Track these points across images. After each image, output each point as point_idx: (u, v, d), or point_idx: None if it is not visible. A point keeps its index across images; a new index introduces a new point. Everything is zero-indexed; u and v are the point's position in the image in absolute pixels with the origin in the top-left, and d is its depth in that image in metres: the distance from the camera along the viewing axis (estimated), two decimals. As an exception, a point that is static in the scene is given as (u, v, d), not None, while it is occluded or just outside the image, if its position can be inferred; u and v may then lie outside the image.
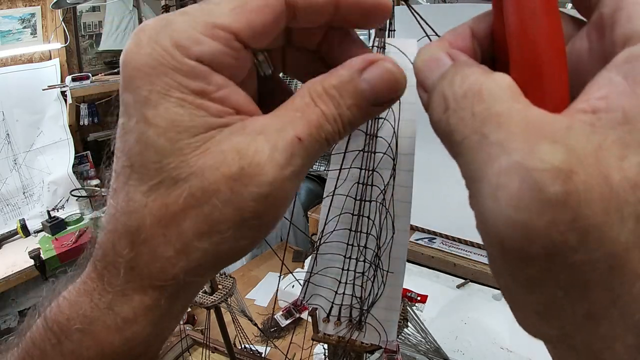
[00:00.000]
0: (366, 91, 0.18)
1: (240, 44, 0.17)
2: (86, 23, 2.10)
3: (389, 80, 0.18)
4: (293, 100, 0.17)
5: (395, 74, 0.18)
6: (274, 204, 0.17)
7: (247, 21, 0.16)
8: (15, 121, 1.79)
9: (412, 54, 0.36)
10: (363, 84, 0.18)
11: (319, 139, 0.17)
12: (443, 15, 1.12)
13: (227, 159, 0.16)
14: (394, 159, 0.38)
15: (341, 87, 0.17)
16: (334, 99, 0.17)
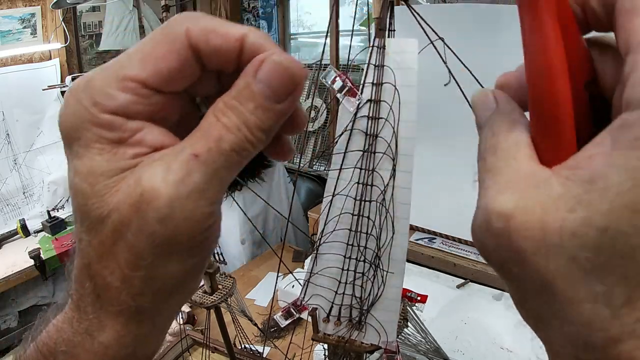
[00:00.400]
0: (263, 90, 0.18)
1: (150, 90, 0.18)
2: (86, 23, 2.10)
3: (281, 72, 0.18)
4: (199, 125, 0.19)
5: (285, 64, 0.18)
6: (182, 225, 0.17)
7: (153, 68, 0.18)
8: (15, 121, 1.79)
9: (412, 53, 0.36)
10: (258, 85, 0.18)
11: (221, 151, 0.18)
12: (443, 15, 1.12)
13: (130, 189, 0.17)
14: (394, 159, 0.38)
15: (239, 95, 0.18)
16: (235, 109, 0.18)
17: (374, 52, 0.37)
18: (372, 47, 0.37)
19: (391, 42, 0.37)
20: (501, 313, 0.94)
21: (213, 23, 0.18)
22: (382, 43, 0.37)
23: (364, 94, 0.38)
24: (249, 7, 2.49)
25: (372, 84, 0.37)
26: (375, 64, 0.37)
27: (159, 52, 0.18)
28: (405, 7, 0.36)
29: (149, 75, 0.18)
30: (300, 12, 2.45)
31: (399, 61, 0.36)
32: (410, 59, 0.36)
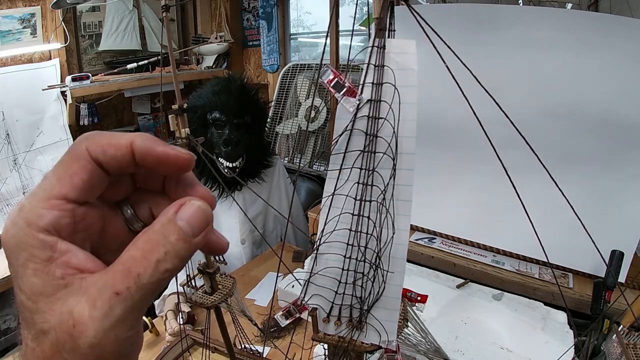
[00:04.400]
0: (184, 227, 0.22)
1: (72, 204, 0.22)
2: (86, 23, 2.10)
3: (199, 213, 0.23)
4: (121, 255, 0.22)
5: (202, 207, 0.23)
6: (107, 349, 0.20)
7: (70, 184, 0.21)
8: (15, 121, 1.79)
9: (412, 54, 0.36)
10: (179, 222, 0.22)
11: (139, 286, 0.21)
12: (443, 15, 1.12)
13: (64, 319, 0.20)
14: (394, 159, 0.38)
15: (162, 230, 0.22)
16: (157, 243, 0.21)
17: (374, 52, 0.37)
18: (372, 47, 0.37)
19: (391, 42, 0.37)
20: (501, 313, 0.94)
21: (106, 137, 0.22)
22: (382, 43, 0.37)
23: (363, 94, 0.38)
24: (248, 7, 2.49)
25: (372, 84, 0.37)
26: (375, 64, 0.37)
27: (70, 170, 0.22)
28: (405, 7, 0.36)
29: (68, 191, 0.21)
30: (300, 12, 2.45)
31: (399, 61, 0.36)
32: (410, 59, 0.36)
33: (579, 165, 1.03)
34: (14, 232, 0.21)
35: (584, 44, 0.96)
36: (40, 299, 0.20)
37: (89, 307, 0.20)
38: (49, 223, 0.21)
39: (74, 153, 0.22)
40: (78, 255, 0.22)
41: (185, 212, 0.22)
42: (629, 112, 0.95)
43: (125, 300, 0.21)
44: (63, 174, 0.22)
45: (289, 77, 2.23)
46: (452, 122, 1.12)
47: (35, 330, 0.21)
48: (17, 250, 0.21)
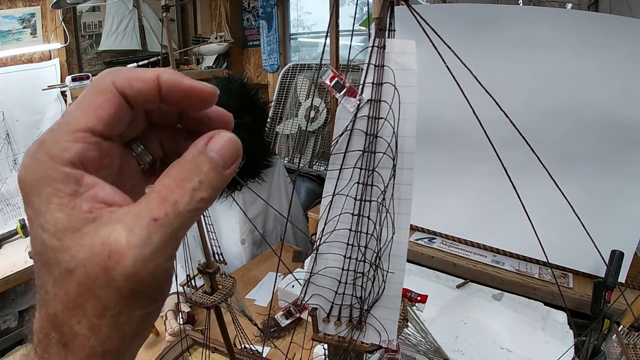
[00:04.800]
0: (216, 159, 0.22)
1: (98, 137, 0.21)
2: (86, 23, 2.10)
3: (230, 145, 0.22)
4: (155, 185, 0.21)
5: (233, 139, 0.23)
6: (146, 280, 0.20)
7: (95, 116, 0.20)
8: (15, 121, 1.79)
9: (412, 54, 0.36)
10: (210, 154, 0.22)
11: (177, 213, 0.20)
12: (443, 15, 1.12)
13: (96, 250, 0.19)
14: (394, 159, 0.38)
15: (194, 160, 0.21)
16: (190, 172, 0.21)
17: (373, 52, 0.37)
18: (372, 47, 0.37)
19: (391, 42, 0.37)
20: (501, 313, 0.94)
21: (132, 71, 0.22)
22: (382, 43, 0.37)
23: (363, 94, 0.38)
24: (248, 7, 2.49)
25: (372, 84, 0.37)
26: (375, 64, 0.37)
27: (96, 103, 0.21)
28: (405, 7, 0.36)
29: (94, 123, 0.20)
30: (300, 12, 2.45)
31: (399, 62, 0.36)
32: (410, 59, 0.36)
33: (579, 165, 1.03)
34: (35, 167, 0.19)
35: (584, 44, 0.96)
36: (66, 235, 0.19)
37: (126, 233, 0.19)
38: (75, 156, 0.20)
39: (99, 86, 0.21)
40: (105, 188, 0.21)
41: (215, 144, 0.22)
42: (629, 112, 0.95)
43: (164, 227, 0.20)
44: (88, 107, 0.21)
45: (289, 77, 2.23)
46: (452, 122, 1.12)
47: (58, 272, 0.19)
48: (39, 186, 0.19)
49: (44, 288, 0.20)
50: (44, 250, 0.20)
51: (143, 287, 0.20)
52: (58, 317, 0.20)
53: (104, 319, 0.20)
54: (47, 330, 0.20)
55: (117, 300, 0.19)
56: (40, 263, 0.20)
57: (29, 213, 0.20)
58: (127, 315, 0.20)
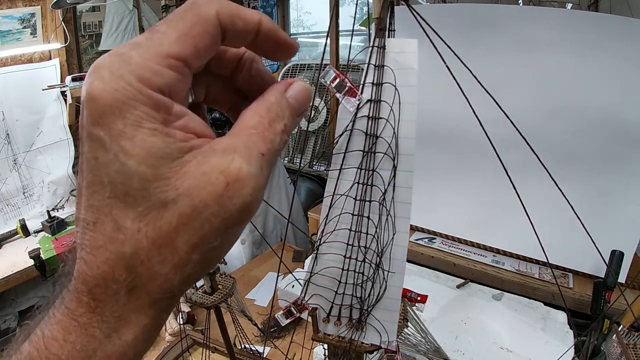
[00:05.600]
0: (293, 103, 0.23)
1: (188, 69, 0.19)
2: (86, 23, 2.10)
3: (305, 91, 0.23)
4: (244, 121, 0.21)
5: (307, 87, 0.24)
6: (253, 209, 0.19)
7: (193, 47, 0.19)
8: (15, 121, 1.79)
9: (412, 53, 0.36)
10: (290, 99, 0.23)
11: (273, 150, 0.21)
12: (443, 15, 1.12)
13: (212, 178, 0.18)
14: (394, 159, 0.38)
15: (278, 103, 0.22)
16: (278, 114, 0.21)
17: (374, 52, 0.37)
18: (372, 47, 0.37)
19: (391, 42, 0.37)
20: (501, 313, 0.94)
21: (236, 7, 0.20)
22: (382, 43, 0.37)
23: (364, 94, 0.38)
24: (248, 7, 2.49)
25: (372, 84, 0.37)
26: (375, 64, 0.37)
27: (194, 31, 0.19)
28: (405, 7, 0.36)
29: (189, 54, 0.19)
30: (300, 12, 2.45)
31: (399, 61, 0.36)
32: (410, 59, 0.36)
33: (579, 165, 1.03)
34: (120, 86, 0.17)
35: (584, 44, 0.96)
36: (162, 162, 0.17)
37: (246, 162, 0.19)
38: (166, 84, 0.18)
39: (201, 13, 0.19)
40: (195, 119, 0.19)
41: (294, 89, 0.23)
42: (629, 112, 0.95)
43: (268, 162, 0.20)
44: (185, 33, 0.19)
45: (288, 77, 2.23)
46: (452, 122, 1.12)
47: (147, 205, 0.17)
48: (125, 107, 0.17)
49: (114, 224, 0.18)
50: (124, 179, 0.17)
51: (247, 217, 0.19)
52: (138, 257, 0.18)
53: (196, 253, 0.18)
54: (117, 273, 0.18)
55: (219, 232, 0.18)
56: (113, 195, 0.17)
57: (100, 136, 0.17)
58: (217, 250, 0.19)
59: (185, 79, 0.19)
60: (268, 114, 0.21)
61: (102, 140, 0.17)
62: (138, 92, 0.17)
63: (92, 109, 0.17)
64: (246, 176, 0.18)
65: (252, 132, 0.20)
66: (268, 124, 0.21)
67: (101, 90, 0.17)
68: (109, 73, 0.17)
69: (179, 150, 0.18)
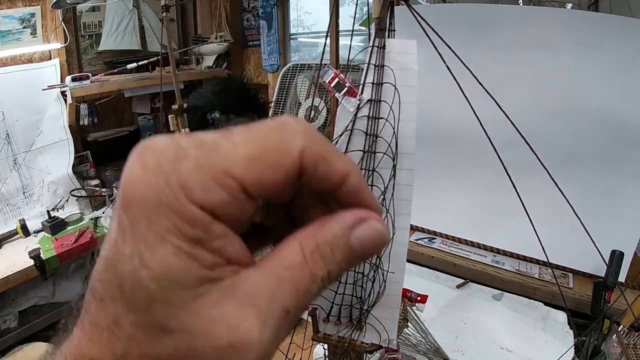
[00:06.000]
0: (355, 247, 0.18)
1: (245, 196, 0.17)
2: (86, 23, 2.10)
3: (377, 239, 0.18)
4: (284, 255, 0.18)
5: (384, 234, 0.18)
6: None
7: (259, 175, 0.16)
8: (15, 121, 1.79)
9: (412, 54, 0.36)
10: (353, 240, 0.18)
11: (301, 306, 0.17)
12: (443, 15, 1.12)
13: (217, 329, 0.16)
14: (394, 159, 0.38)
15: (334, 242, 0.18)
16: (326, 256, 0.18)
17: (374, 52, 0.37)
18: (372, 47, 0.37)
19: (392, 42, 0.37)
20: (501, 313, 0.94)
21: (326, 149, 0.18)
22: (382, 43, 0.36)
23: (364, 94, 0.38)
24: (248, 7, 2.49)
25: (372, 84, 0.37)
26: (375, 64, 0.37)
27: (269, 160, 0.17)
28: (405, 7, 0.36)
29: (251, 181, 0.16)
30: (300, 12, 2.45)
31: (399, 61, 0.36)
32: (410, 59, 0.36)
33: (579, 165, 1.03)
34: (159, 185, 0.15)
35: (584, 44, 0.96)
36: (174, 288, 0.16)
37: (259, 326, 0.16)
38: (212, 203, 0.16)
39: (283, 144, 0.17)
40: (234, 243, 0.17)
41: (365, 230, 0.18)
42: (629, 112, 0.95)
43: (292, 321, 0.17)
44: (257, 157, 0.17)
45: (289, 77, 2.23)
46: (452, 122, 1.12)
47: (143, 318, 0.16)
48: (155, 211, 0.15)
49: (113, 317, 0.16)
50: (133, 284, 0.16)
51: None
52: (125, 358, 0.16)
53: None
54: None
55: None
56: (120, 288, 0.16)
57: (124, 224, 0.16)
58: None
59: (238, 203, 0.17)
60: (313, 255, 0.17)
61: (124, 227, 0.16)
62: (176, 199, 0.15)
63: (125, 193, 0.16)
64: (255, 342, 0.16)
65: (284, 276, 0.17)
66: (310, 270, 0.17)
67: (138, 179, 0.16)
68: (154, 163, 0.16)
69: (198, 279, 0.16)
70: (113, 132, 2.23)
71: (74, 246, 1.62)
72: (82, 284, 1.76)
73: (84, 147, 2.06)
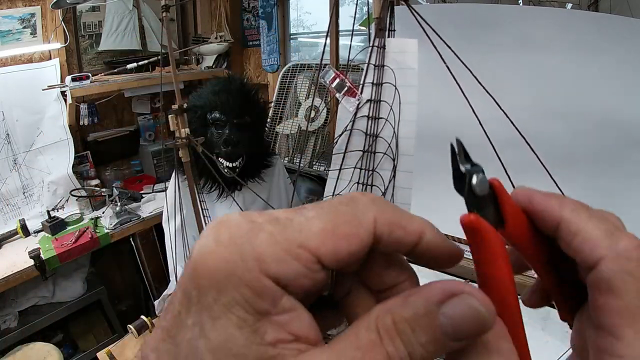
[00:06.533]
0: (446, 327, 0.16)
1: (320, 267, 0.16)
2: (86, 23, 2.10)
3: (473, 318, 0.16)
4: (357, 333, 0.16)
5: (481, 311, 0.16)
6: None
7: (333, 247, 0.16)
8: (15, 121, 1.79)
9: (412, 53, 0.36)
10: (442, 318, 0.16)
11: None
12: (443, 15, 1.12)
13: None
14: (394, 159, 0.38)
15: (415, 320, 0.16)
16: (405, 335, 0.16)
17: (374, 52, 0.37)
18: (372, 47, 0.37)
19: (391, 42, 0.37)
20: (501, 313, 0.94)
21: (397, 215, 0.18)
22: (382, 43, 0.36)
23: (363, 94, 0.38)
24: (248, 7, 2.49)
25: (372, 84, 0.37)
26: (375, 64, 0.37)
27: (343, 232, 0.17)
28: (405, 7, 0.36)
29: (326, 252, 0.16)
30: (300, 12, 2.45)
31: (399, 61, 0.36)
32: (410, 59, 0.36)
33: (579, 165, 1.03)
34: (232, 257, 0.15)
35: (584, 44, 0.96)
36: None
37: None
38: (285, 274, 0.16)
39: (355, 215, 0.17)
40: (302, 318, 0.16)
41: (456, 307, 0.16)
42: (629, 112, 0.95)
43: None
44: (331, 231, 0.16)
45: (289, 77, 2.23)
46: (452, 122, 1.12)
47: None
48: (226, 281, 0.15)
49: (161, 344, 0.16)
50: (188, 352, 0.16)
51: None
52: None
53: None
54: None
55: None
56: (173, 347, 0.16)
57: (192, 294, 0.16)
58: None
59: (312, 275, 0.16)
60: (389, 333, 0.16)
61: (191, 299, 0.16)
62: (248, 271, 0.15)
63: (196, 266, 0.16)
64: None
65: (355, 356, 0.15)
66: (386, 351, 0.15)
67: (211, 252, 0.16)
68: (228, 238, 0.16)
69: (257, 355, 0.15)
70: (113, 132, 2.23)
71: (74, 246, 1.62)
72: (82, 283, 1.77)
73: (84, 147, 2.07)
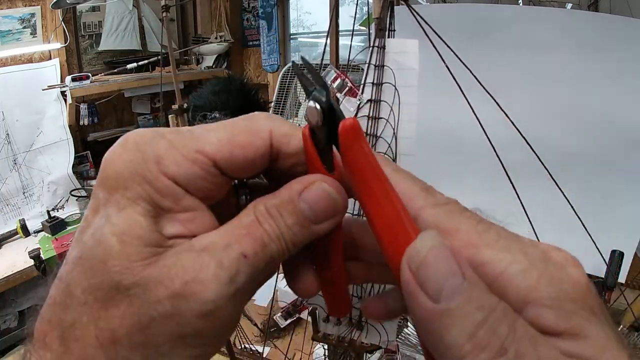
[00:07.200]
0: (305, 210, 0.18)
1: (217, 172, 0.18)
2: (86, 23, 2.10)
3: (326, 200, 0.19)
4: (239, 218, 0.18)
5: (332, 194, 0.19)
6: (215, 323, 0.17)
7: (229, 153, 0.18)
8: (15, 121, 1.79)
9: (413, 53, 0.36)
10: (302, 203, 0.18)
11: (264, 257, 0.17)
12: (443, 15, 1.12)
13: (171, 273, 0.16)
14: (394, 160, 0.38)
15: (281, 206, 0.18)
16: (276, 218, 0.18)
17: (374, 52, 0.37)
18: (372, 47, 0.37)
19: (392, 42, 0.37)
20: (501, 313, 0.94)
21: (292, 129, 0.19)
22: (382, 43, 0.36)
23: (364, 94, 0.38)
24: (248, 7, 2.49)
25: (372, 84, 0.37)
26: (376, 64, 0.37)
27: (239, 140, 0.18)
28: (405, 7, 0.36)
29: (223, 158, 0.18)
30: (300, 12, 2.45)
31: (399, 61, 0.36)
32: (411, 59, 0.36)
33: (579, 165, 1.03)
34: (136, 159, 0.17)
35: (584, 44, 0.96)
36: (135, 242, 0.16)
37: (215, 264, 0.16)
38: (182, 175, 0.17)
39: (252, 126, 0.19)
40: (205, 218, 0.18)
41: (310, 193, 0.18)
42: (629, 112, 0.95)
43: (252, 267, 0.17)
44: (227, 138, 0.18)
45: (289, 77, 2.23)
46: (452, 122, 1.12)
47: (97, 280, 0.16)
48: (131, 179, 0.17)
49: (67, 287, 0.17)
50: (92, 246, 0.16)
51: (207, 332, 0.17)
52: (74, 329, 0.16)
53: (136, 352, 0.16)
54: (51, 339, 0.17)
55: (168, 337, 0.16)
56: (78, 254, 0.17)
57: (99, 197, 0.17)
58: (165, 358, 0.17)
59: (210, 178, 0.18)
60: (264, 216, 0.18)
61: (98, 200, 0.17)
62: (151, 171, 0.17)
63: (104, 171, 0.17)
64: (210, 278, 0.16)
65: (240, 232, 0.17)
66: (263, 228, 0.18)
67: (117, 157, 0.17)
68: (133, 144, 0.17)
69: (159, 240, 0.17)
70: (113, 132, 2.23)
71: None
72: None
73: (84, 147, 2.07)
